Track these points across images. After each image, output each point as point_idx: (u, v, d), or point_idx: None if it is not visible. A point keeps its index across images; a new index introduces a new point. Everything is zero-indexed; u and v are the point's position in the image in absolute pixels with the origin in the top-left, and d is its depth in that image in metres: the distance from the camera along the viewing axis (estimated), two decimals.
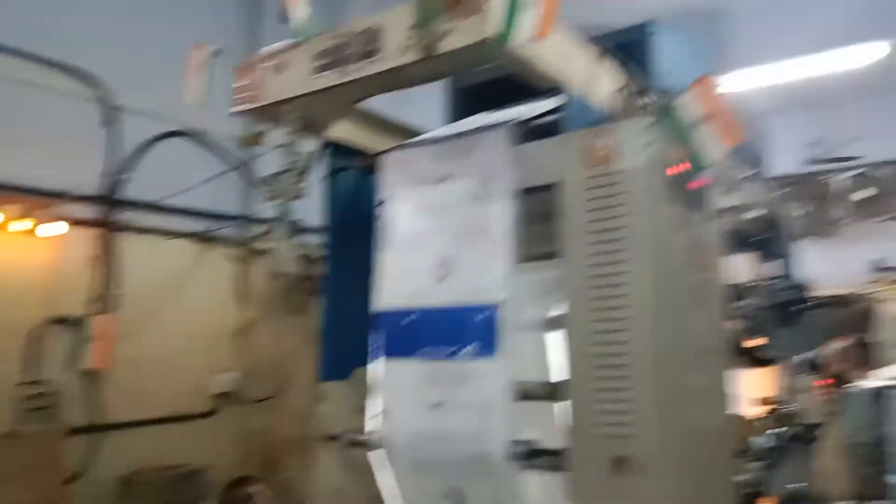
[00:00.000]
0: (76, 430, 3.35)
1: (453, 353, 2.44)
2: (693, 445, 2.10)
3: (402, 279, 2.55)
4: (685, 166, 2.04)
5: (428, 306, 2.46)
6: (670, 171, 2.01)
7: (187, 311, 3.92)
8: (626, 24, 2.63)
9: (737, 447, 4.66)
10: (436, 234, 2.45)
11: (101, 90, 3.76)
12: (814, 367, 6.92)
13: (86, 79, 3.71)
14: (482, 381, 2.30)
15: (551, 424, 2.20)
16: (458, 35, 1.82)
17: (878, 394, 7.04)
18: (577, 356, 2.10)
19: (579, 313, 2.09)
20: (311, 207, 2.69)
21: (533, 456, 2.24)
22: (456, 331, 2.40)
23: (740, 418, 4.91)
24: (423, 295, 2.46)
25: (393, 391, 2.55)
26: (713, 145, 1.95)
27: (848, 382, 7.81)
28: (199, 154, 4.10)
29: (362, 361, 2.82)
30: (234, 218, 4.31)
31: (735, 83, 7.02)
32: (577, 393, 2.09)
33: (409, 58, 1.94)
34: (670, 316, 2.02)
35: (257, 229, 4.31)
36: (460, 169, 2.38)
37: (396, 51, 1.97)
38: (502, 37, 1.74)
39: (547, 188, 2.20)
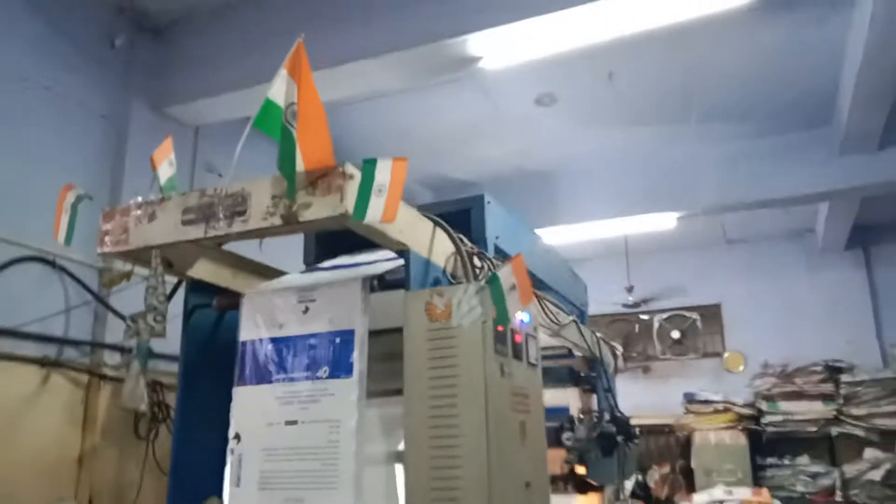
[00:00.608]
0: None
1: None
2: None
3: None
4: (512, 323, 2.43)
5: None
6: (499, 328, 2.37)
7: (30, 437, 3.77)
8: (465, 193, 3.13)
9: None
10: (283, 478, 2.61)
11: None
12: (635, 493, 7.48)
13: None
14: None
15: None
16: (318, 208, 2.12)
17: None
18: (414, 488, 2.33)
19: (418, 447, 2.34)
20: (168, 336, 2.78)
21: None
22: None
23: None
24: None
25: None
26: (515, 307, 2.36)
27: (669, 503, 8.43)
28: (51, 279, 4.08)
29: (212, 491, 2.89)
30: (84, 343, 4.25)
31: (560, 235, 7.91)
32: None
33: (272, 222, 2.21)
34: (500, 452, 2.31)
35: (108, 356, 4.28)
36: (307, 417, 2.60)
37: (260, 215, 2.23)
38: (356, 215, 2.06)
39: (398, 330, 2.50)
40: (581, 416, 5.23)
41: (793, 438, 8.51)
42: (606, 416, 5.30)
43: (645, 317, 10.31)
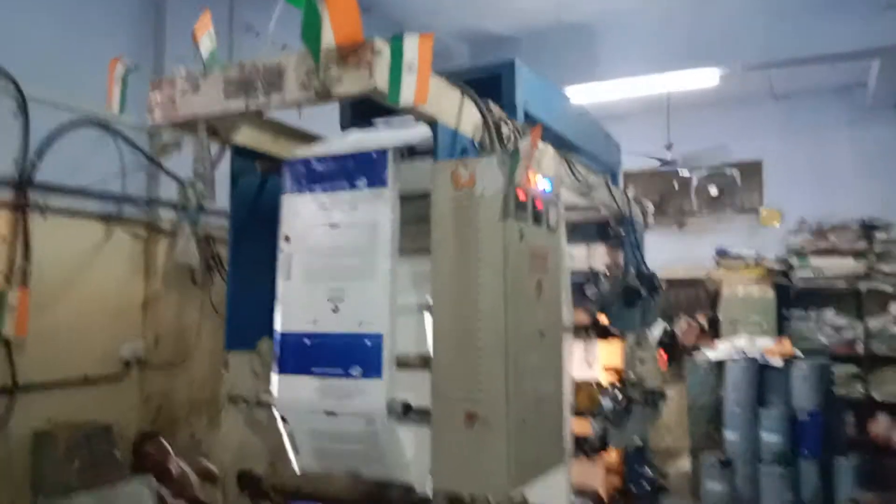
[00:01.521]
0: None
1: (343, 375, 2.92)
2: (531, 407, 2.67)
3: (300, 308, 3.01)
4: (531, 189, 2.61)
5: (324, 332, 2.94)
6: (520, 194, 2.55)
7: (96, 285, 4.19)
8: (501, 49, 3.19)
9: (588, 407, 5.42)
10: (328, 272, 2.93)
11: (11, 81, 3.92)
12: (662, 342, 7.87)
13: None
14: (368, 396, 2.80)
15: (422, 388, 2.73)
16: (349, 82, 2.25)
17: (719, 364, 8.08)
18: (441, 335, 2.63)
19: (444, 302, 2.60)
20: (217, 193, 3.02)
21: (407, 412, 2.77)
22: (347, 355, 2.89)
23: (592, 383, 5.66)
24: (319, 322, 2.94)
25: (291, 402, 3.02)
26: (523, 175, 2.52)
27: (694, 353, 8.86)
28: (106, 141, 4.33)
29: (265, 333, 3.26)
30: (141, 201, 4.57)
31: (598, 92, 7.79)
32: (441, 364, 2.62)
33: (306, 96, 2.36)
34: (516, 307, 2.56)
35: (163, 212, 4.60)
36: (347, 220, 2.90)
37: (296, 88, 2.38)
38: (391, 98, 2.20)
39: (426, 195, 2.71)
40: (607, 271, 5.48)
41: (821, 293, 8.72)
42: (632, 271, 5.55)
43: (684, 174, 10.31)
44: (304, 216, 3.05)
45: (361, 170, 2.90)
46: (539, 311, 2.76)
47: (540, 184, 2.67)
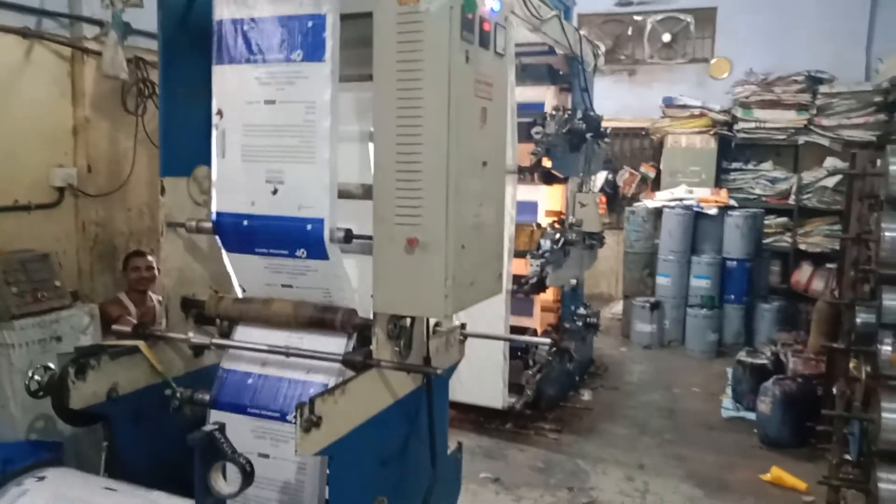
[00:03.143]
0: None
1: (289, 255, 2.90)
2: (471, 233, 2.71)
3: (237, 188, 2.92)
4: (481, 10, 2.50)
5: (263, 214, 2.87)
6: (468, 15, 2.44)
7: (19, 108, 3.96)
8: None
9: (530, 247, 5.56)
10: (266, 152, 2.82)
11: None
12: (604, 190, 8.00)
13: None
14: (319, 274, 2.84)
15: (365, 216, 2.73)
16: None
17: (658, 212, 8.34)
18: (383, 162, 2.59)
19: (386, 127, 2.55)
20: (145, 12, 2.83)
21: (349, 239, 2.79)
22: (289, 237, 2.85)
23: (534, 225, 5.79)
24: (258, 204, 2.87)
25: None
26: None
27: (634, 203, 9.08)
28: None
29: (201, 160, 3.18)
30: (62, 16, 4.22)
31: None
32: (383, 190, 2.61)
33: None
34: (459, 133, 2.52)
35: (88, 29, 4.28)
36: (283, 97, 2.76)
37: None
38: None
39: (368, 14, 2.57)
40: (553, 112, 5.45)
41: (760, 146, 8.91)
42: (579, 114, 5.54)
43: (638, 18, 10.08)
44: (237, 90, 2.88)
45: (297, 40, 2.72)
46: (482, 140, 2.73)
47: (489, 2, 2.56)
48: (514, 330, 5.22)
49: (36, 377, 2.72)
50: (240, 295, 3.18)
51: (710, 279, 7.96)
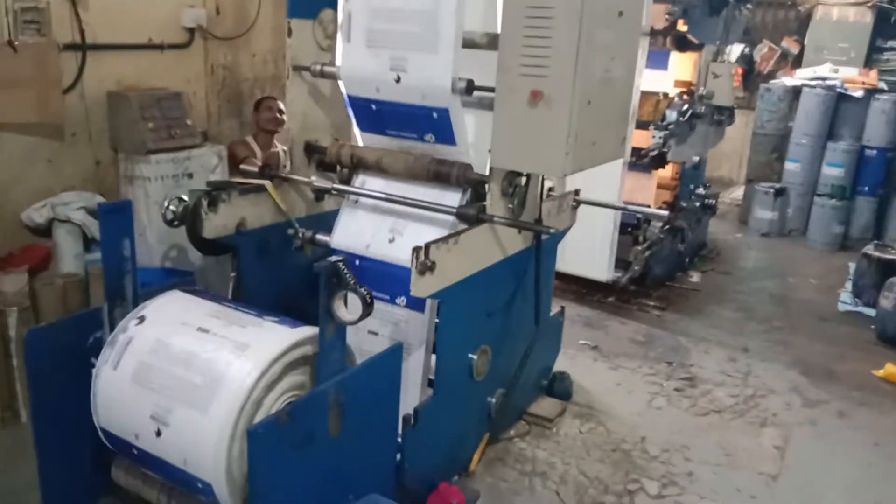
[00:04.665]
0: (66, 47, 3.64)
1: (418, 139, 2.92)
2: (598, 89, 2.59)
3: (362, 73, 2.91)
4: None
5: (389, 100, 2.88)
6: None
7: None
8: None
9: (654, 118, 5.32)
10: (390, 38, 2.78)
11: None
12: (737, 61, 7.44)
13: None
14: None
15: (487, 69, 2.66)
16: None
17: (795, 91, 7.71)
18: (511, 7, 2.49)
19: None
20: None
21: (470, 90, 2.74)
22: (416, 123, 2.87)
23: (660, 94, 5.50)
24: (383, 91, 2.87)
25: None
26: None
27: (771, 79, 8.42)
28: None
29: (326, 2, 3.16)
30: None
31: None
32: (509, 39, 2.51)
33: None
34: None
35: None
36: None
37: None
38: None
39: None
40: None
41: None
42: None
43: None
44: None
45: None
46: None
47: None
48: (626, 202, 5.09)
49: (171, 207, 2.90)
50: (360, 142, 3.23)
51: (843, 167, 7.40)
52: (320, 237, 3.19)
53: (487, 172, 2.79)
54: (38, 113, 3.45)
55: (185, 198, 2.91)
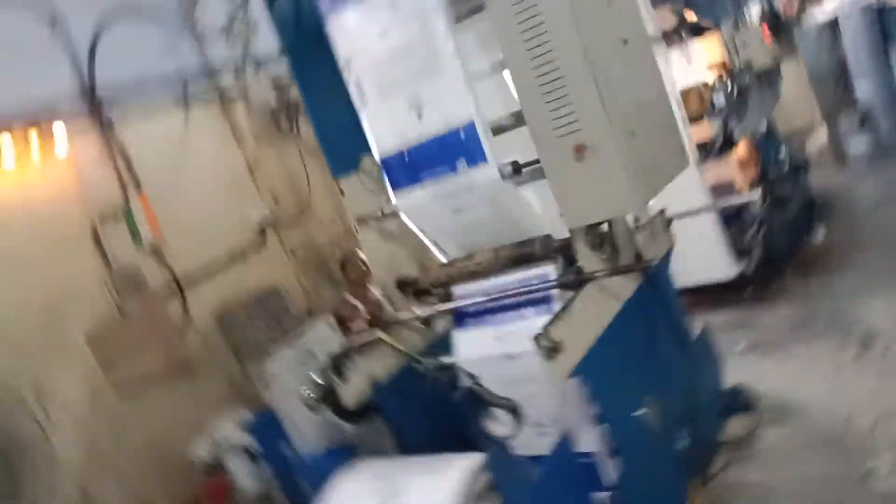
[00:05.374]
0: (165, 292, 3.99)
1: (451, 171, 2.96)
2: (636, 118, 2.61)
3: (387, 127, 3.04)
4: None
5: (417, 142, 2.96)
6: None
7: (199, 167, 4.37)
8: None
9: (700, 110, 5.23)
10: (398, 80, 2.88)
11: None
12: (760, 20, 7.27)
13: None
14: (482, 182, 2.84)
15: (525, 144, 2.72)
16: None
17: (832, 23, 7.44)
18: (523, 81, 2.57)
19: (513, 44, 2.51)
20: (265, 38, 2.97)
21: (518, 170, 2.80)
22: (447, 152, 2.91)
23: (698, 85, 5.43)
24: (409, 134, 2.96)
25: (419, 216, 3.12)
26: None
27: (801, 21, 8.15)
28: (141, 26, 4.22)
29: (362, 149, 3.33)
30: (197, 77, 4.55)
31: None
32: (532, 109, 2.58)
33: None
34: (586, 19, 2.43)
35: (226, 78, 4.59)
36: (392, 20, 2.82)
37: None
38: None
39: None
40: None
41: None
42: None
43: None
44: (353, 33, 2.98)
45: None
46: (613, 18, 2.61)
47: None
48: (714, 190, 4.95)
49: (309, 393, 3.02)
50: (444, 260, 3.32)
51: None
52: (445, 360, 3.23)
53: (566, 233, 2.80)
54: (164, 359, 3.74)
55: (318, 379, 3.03)
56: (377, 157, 3.17)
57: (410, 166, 3.08)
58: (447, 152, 2.93)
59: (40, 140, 3.72)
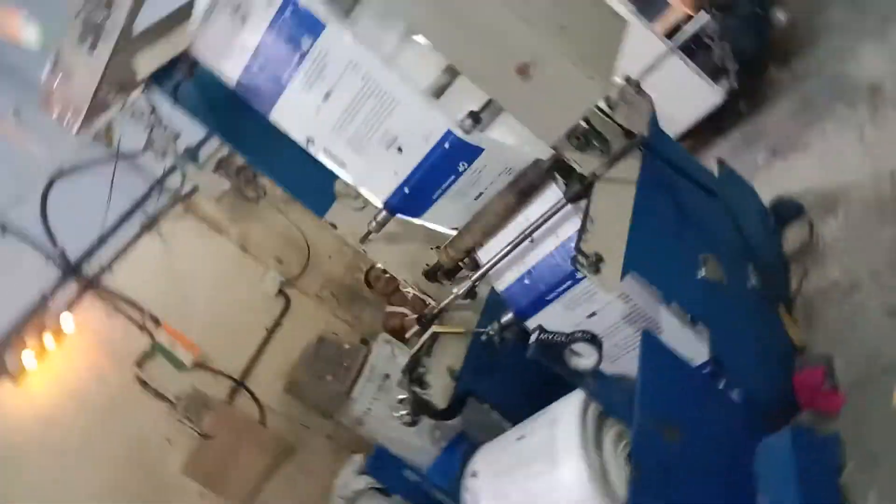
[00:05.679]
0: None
1: (455, 179, 2.85)
2: (557, 11, 2.53)
3: (377, 175, 2.93)
4: None
5: (410, 173, 2.86)
6: None
7: (198, 268, 4.36)
8: None
9: None
10: (364, 133, 2.79)
11: None
12: None
13: None
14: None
15: (472, 89, 2.65)
16: None
17: None
18: (437, 37, 2.49)
19: (412, 9, 2.44)
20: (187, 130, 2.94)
21: (477, 119, 2.74)
22: (444, 166, 2.81)
23: None
24: (400, 171, 2.87)
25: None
26: None
27: None
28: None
29: (330, 175, 3.26)
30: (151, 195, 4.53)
31: None
32: (461, 57, 2.50)
33: None
34: None
35: (174, 183, 4.57)
36: (331, 79, 2.71)
37: None
38: None
39: None
40: None
41: None
42: None
43: None
44: (298, 114, 2.88)
45: (296, 30, 2.62)
46: None
47: None
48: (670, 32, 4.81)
49: (402, 414, 3.04)
50: (452, 233, 3.27)
51: None
52: (504, 319, 3.21)
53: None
54: (262, 455, 3.79)
55: (403, 396, 3.05)
56: (378, 204, 3.07)
57: (417, 196, 2.98)
58: (444, 165, 2.84)
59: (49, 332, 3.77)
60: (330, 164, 3.04)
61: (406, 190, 2.99)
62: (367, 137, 2.86)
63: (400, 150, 2.84)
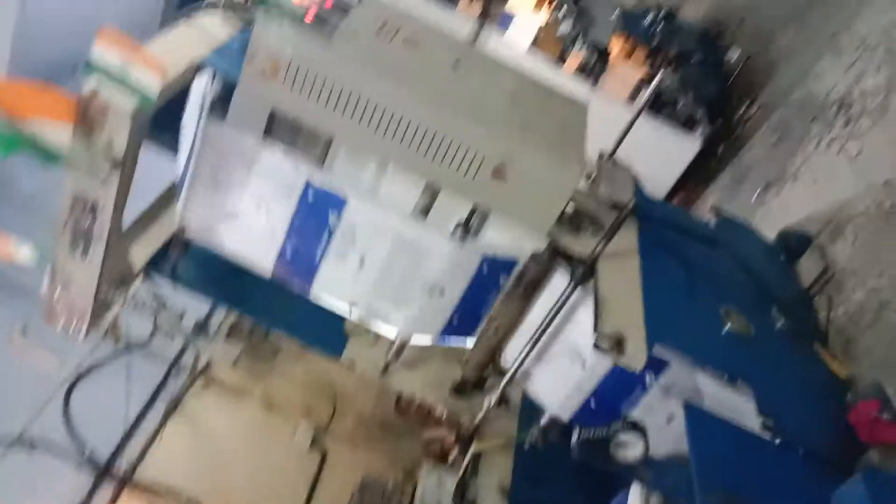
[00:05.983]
0: None
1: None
2: (516, 111, 2.58)
3: (418, 324, 3.01)
4: None
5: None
6: None
7: (226, 442, 4.30)
8: None
9: (558, 47, 5.22)
10: (407, 291, 2.88)
11: None
12: None
13: None
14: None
15: (456, 202, 2.68)
16: None
17: None
18: (406, 162, 2.54)
19: (375, 145, 2.50)
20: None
21: (467, 227, 2.76)
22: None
23: (540, 30, 5.45)
24: (440, 313, 2.96)
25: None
26: None
27: None
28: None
29: (338, 323, 3.26)
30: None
31: None
32: (435, 176, 2.53)
33: None
34: (394, 70, 2.43)
35: (189, 359, 4.61)
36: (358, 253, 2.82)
37: None
38: None
39: None
40: None
41: None
42: None
43: None
44: (335, 281, 2.94)
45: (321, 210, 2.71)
46: (420, 56, 2.61)
47: None
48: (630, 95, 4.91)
49: None
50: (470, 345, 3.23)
51: None
52: (543, 422, 3.10)
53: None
54: None
55: None
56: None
57: (463, 319, 3.02)
58: (487, 284, 2.89)
59: None
60: (372, 323, 3.05)
61: (455, 322, 3.00)
62: (410, 294, 2.89)
63: (442, 294, 2.86)
